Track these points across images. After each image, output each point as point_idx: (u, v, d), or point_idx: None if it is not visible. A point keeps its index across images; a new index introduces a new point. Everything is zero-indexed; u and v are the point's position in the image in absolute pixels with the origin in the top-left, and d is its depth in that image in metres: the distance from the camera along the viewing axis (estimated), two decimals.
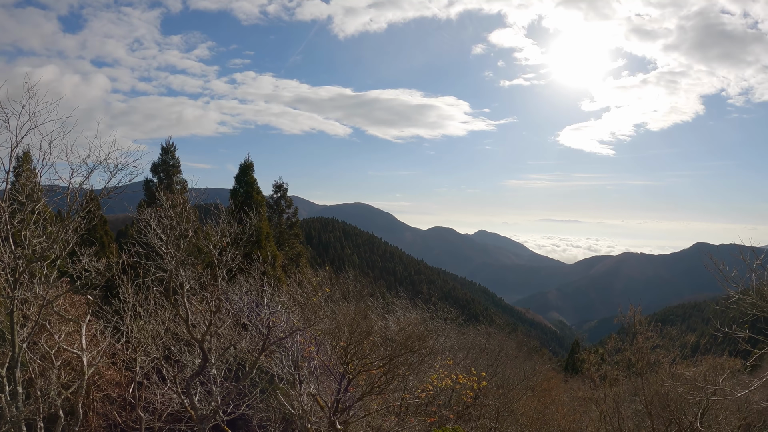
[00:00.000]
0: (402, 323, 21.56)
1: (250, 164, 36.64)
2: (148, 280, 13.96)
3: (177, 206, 12.95)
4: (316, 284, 20.48)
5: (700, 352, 22.53)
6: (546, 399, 24.85)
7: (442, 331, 27.50)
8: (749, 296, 12.56)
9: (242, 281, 17.26)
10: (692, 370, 18.03)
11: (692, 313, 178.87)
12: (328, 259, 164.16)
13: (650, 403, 17.27)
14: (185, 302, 13.08)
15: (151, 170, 35.00)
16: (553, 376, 37.36)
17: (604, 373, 21.69)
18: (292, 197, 45.29)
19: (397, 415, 18.37)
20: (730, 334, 12.73)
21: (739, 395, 13.38)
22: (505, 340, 38.64)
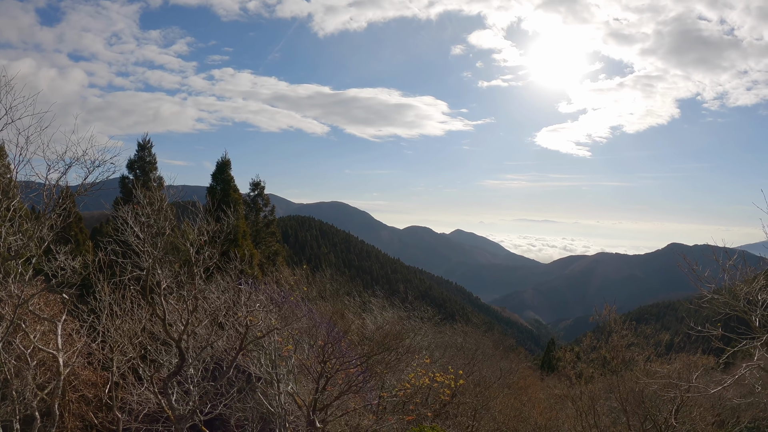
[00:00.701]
0: (379, 322, 21.62)
1: (227, 162, 36.42)
2: (125, 278, 13.82)
3: (155, 204, 12.84)
4: (294, 283, 20.45)
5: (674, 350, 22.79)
6: (523, 396, 25.02)
7: (419, 329, 27.57)
8: (722, 295, 12.75)
9: (219, 280, 17.17)
10: (666, 367, 18.23)
11: (666, 312, 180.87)
12: (305, 258, 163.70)
13: (625, 400, 17.46)
14: (162, 301, 12.97)
15: (128, 167, 34.39)
16: (530, 374, 37.67)
17: (579, 371, 21.88)
18: (269, 195, 45.11)
19: (375, 413, 18.38)
20: (703, 332, 12.90)
21: (712, 392, 13.59)
22: (482, 339, 38.82)
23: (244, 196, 41.19)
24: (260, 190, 43.65)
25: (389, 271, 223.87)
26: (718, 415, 22.23)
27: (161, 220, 12.78)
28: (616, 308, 21.75)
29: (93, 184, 12.73)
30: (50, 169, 12.39)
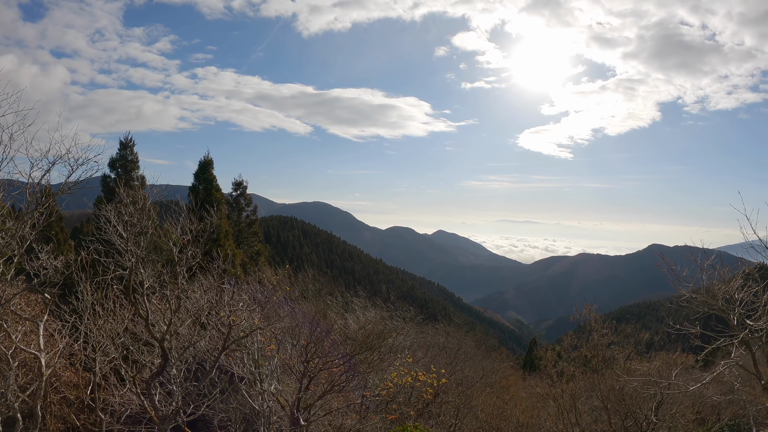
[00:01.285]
0: (362, 322, 21.65)
1: (209, 161, 36.28)
2: (108, 278, 13.76)
3: (138, 202, 12.80)
4: (276, 283, 20.44)
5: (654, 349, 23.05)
6: (505, 395, 25.15)
7: (401, 329, 27.62)
8: (700, 295, 12.93)
9: (202, 279, 17.14)
10: (646, 365, 18.43)
11: (647, 311, 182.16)
12: (287, 258, 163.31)
13: (606, 398, 17.62)
14: (145, 301, 12.93)
15: (109, 165, 33.94)
16: (512, 374, 37.81)
17: (561, 370, 22.05)
18: (252, 195, 45.04)
19: (359, 413, 18.42)
20: (682, 330, 13.09)
21: (691, 389, 13.76)
22: (464, 339, 38.94)
23: (226, 195, 41.07)
24: (243, 189, 43.55)
25: (371, 272, 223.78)
26: (699, 413, 22.49)
27: (144, 219, 12.74)
28: (597, 308, 21.93)
29: (76, 183, 12.67)
30: (33, 167, 12.32)
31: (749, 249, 12.09)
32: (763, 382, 11.97)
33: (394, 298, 34.20)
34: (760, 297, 11.79)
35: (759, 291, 11.94)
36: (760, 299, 11.72)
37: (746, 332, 11.60)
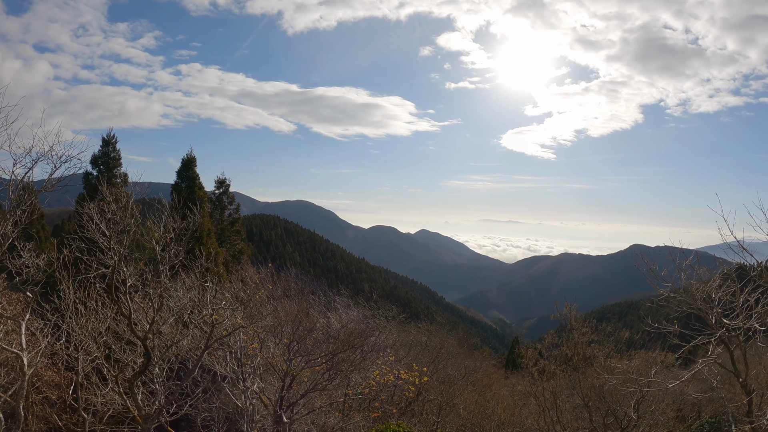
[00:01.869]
0: (344, 320, 21.68)
1: (192, 159, 36.11)
2: (90, 276, 13.69)
3: (120, 200, 12.75)
4: (259, 281, 20.41)
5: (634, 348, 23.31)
6: (487, 394, 25.28)
7: (383, 328, 27.67)
8: (679, 294, 13.10)
9: (185, 278, 17.09)
10: (626, 363, 18.63)
11: (628, 311, 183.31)
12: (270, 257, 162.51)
13: (587, 396, 17.78)
14: (127, 299, 12.90)
15: (91, 162, 33.54)
16: (494, 372, 38.00)
17: (542, 368, 22.21)
18: (235, 193, 44.87)
19: (341, 411, 18.45)
20: (660, 329, 13.25)
21: (671, 386, 13.93)
22: (446, 338, 39.02)
23: (209, 193, 40.87)
24: (225, 188, 43.39)
25: (354, 271, 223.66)
26: (680, 411, 22.74)
27: (127, 217, 12.69)
28: (578, 307, 22.12)
29: (59, 180, 12.61)
30: (16, 164, 12.25)
31: (727, 250, 12.26)
32: (741, 380, 12.14)
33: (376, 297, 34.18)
34: (737, 297, 11.96)
35: (737, 291, 12.10)
36: (738, 299, 11.89)
37: (723, 331, 11.77)
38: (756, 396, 12.83)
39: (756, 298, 11.76)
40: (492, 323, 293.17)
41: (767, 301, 11.63)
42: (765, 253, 12.16)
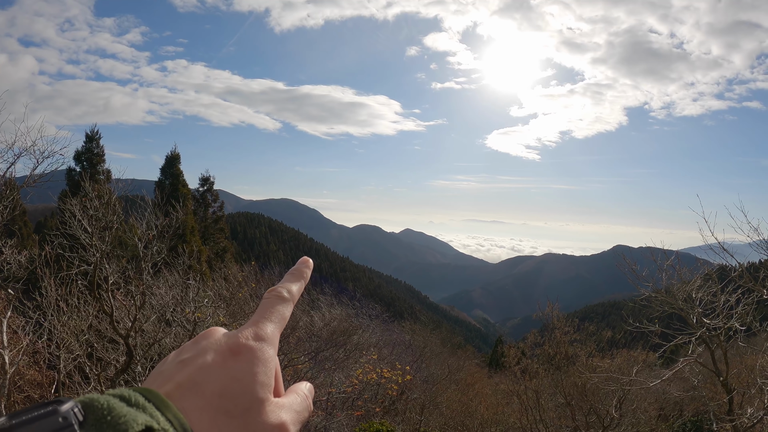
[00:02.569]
0: (327, 319, 21.69)
1: (176, 156, 36.00)
2: (72, 273, 13.60)
3: (103, 197, 12.66)
4: (242, 279, 20.37)
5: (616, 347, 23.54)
6: (470, 392, 25.37)
7: (367, 327, 27.71)
8: (660, 294, 13.24)
9: (167, 275, 17.03)
10: (608, 362, 18.77)
11: (611, 311, 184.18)
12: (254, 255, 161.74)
13: (569, 394, 17.89)
14: (110, 297, 12.82)
15: (75, 159, 33.25)
16: (478, 371, 38.14)
17: (524, 367, 22.33)
18: (219, 191, 44.69)
19: (324, 409, 18.46)
20: (641, 328, 13.36)
21: (652, 385, 14.05)
22: (430, 337, 39.16)
23: (192, 191, 40.74)
24: (209, 185, 43.25)
25: (338, 270, 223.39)
26: (662, 410, 22.93)
27: (110, 213, 12.62)
28: (561, 306, 22.27)
29: (41, 176, 12.52)
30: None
31: (708, 251, 12.38)
32: (722, 379, 12.26)
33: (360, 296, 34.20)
34: (718, 297, 12.08)
35: (717, 291, 12.22)
36: (719, 299, 12.01)
37: (704, 330, 11.88)
38: (737, 395, 12.97)
39: (737, 299, 11.88)
40: (476, 323, 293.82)
41: (748, 301, 11.75)
42: (746, 254, 12.30)
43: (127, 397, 0.73)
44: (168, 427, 0.71)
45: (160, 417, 0.72)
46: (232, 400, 0.79)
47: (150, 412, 0.72)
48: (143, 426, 0.69)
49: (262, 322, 0.92)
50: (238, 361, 0.83)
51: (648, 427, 19.08)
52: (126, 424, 0.68)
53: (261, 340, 0.87)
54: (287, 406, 0.87)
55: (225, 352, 0.84)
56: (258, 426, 0.80)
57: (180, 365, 0.84)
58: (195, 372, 0.82)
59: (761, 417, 10.98)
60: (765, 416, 10.88)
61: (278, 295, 1.01)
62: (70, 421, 0.67)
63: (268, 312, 0.96)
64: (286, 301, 1.01)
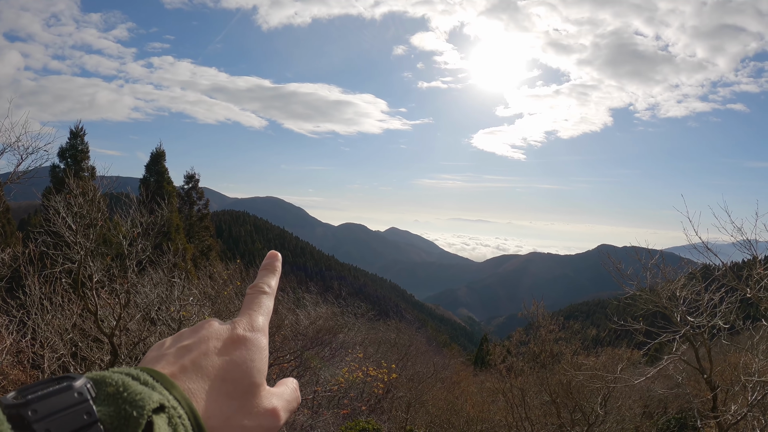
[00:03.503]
0: (312, 317, 21.65)
1: (161, 153, 35.80)
2: (56, 271, 13.49)
3: (87, 194, 12.56)
4: (227, 277, 20.30)
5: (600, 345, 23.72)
6: (455, 390, 25.43)
7: (352, 325, 27.71)
8: (644, 293, 13.33)
9: (152, 273, 16.93)
10: (593, 360, 18.86)
11: (596, 309, 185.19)
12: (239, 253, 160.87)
13: (554, 392, 17.96)
14: (94, 295, 12.73)
15: (59, 155, 32.92)
16: (463, 369, 38.23)
17: (509, 365, 22.40)
18: (204, 189, 44.51)
19: (310, 408, 18.43)
20: (625, 326, 13.46)
21: (636, 382, 14.15)
22: (415, 335, 39.25)
23: (177, 188, 40.56)
24: (194, 183, 43.08)
25: (324, 268, 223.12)
26: (647, 407, 23.10)
27: (94, 211, 12.52)
28: (546, 305, 22.34)
29: (25, 172, 12.41)
30: None
31: (692, 250, 12.46)
32: (706, 376, 12.35)
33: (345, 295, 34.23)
34: (702, 296, 12.16)
35: (701, 290, 12.31)
36: (703, 298, 12.09)
37: (688, 328, 11.96)
38: (721, 392, 13.06)
39: (720, 297, 11.97)
40: (461, 321, 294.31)
41: (731, 300, 11.84)
42: (729, 253, 12.39)
43: (136, 375, 0.76)
44: (176, 404, 0.76)
45: (168, 396, 0.76)
46: (232, 384, 0.85)
47: (159, 390, 0.76)
48: (158, 404, 0.72)
49: (254, 314, 1.00)
50: (237, 348, 0.89)
51: (633, 424, 19.20)
52: (143, 401, 0.71)
53: (255, 330, 0.95)
54: (278, 395, 0.93)
55: (226, 340, 0.90)
56: (254, 408, 0.86)
57: (182, 350, 0.88)
58: (198, 356, 0.87)
59: (745, 414, 11.07)
60: (749, 413, 10.97)
61: (260, 290, 1.09)
62: (85, 396, 0.69)
63: (255, 305, 1.04)
64: (269, 295, 1.09)
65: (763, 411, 11.82)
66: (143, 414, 0.70)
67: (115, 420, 0.69)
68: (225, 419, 0.82)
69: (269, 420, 0.88)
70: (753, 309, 14.24)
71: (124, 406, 0.70)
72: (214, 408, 0.81)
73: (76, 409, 0.68)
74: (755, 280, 10.41)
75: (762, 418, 11.12)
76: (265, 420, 0.87)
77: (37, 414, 0.65)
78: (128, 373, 0.76)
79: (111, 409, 0.70)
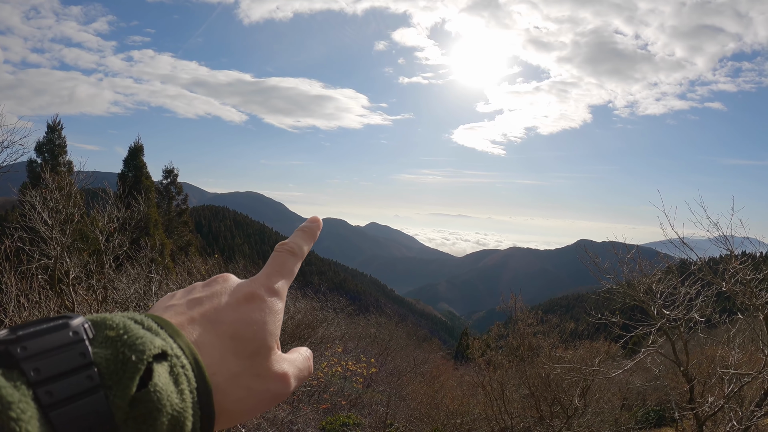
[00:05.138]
0: (292, 312, 21.63)
1: (140, 147, 35.52)
2: (32, 267, 13.35)
3: (63, 189, 12.44)
4: (205, 273, 20.22)
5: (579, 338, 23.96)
6: (435, 384, 25.49)
7: (332, 320, 27.73)
8: (621, 287, 13.47)
9: (130, 269, 16.82)
10: (571, 353, 18.99)
11: (575, 303, 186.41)
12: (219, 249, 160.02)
13: (533, 385, 18.08)
14: (71, 291, 12.61)
15: (36, 150, 32.61)
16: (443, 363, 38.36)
17: (488, 359, 22.52)
18: (183, 184, 44.29)
19: (290, 403, 18.42)
20: (602, 319, 13.61)
21: (613, 374, 14.30)
22: (395, 330, 39.35)
23: (156, 183, 40.30)
24: (173, 177, 42.82)
25: (304, 263, 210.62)
26: (626, 399, 23.34)
27: (70, 205, 12.40)
28: (526, 299, 22.51)
29: (1, 167, 12.29)
30: None
31: (669, 245, 12.60)
32: (683, 369, 12.50)
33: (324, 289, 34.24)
34: (678, 290, 12.30)
35: (677, 284, 12.45)
36: (679, 291, 12.24)
37: (664, 321, 12.10)
38: (698, 384, 13.22)
39: (696, 291, 12.12)
40: (441, 316, 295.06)
41: (708, 294, 12.00)
42: (705, 248, 12.53)
43: (139, 320, 0.73)
44: (180, 354, 0.72)
45: (173, 343, 0.72)
46: (242, 343, 0.81)
47: (163, 337, 0.72)
48: (160, 350, 0.69)
49: (274, 275, 0.95)
50: (251, 308, 0.85)
51: (612, 416, 19.37)
52: (143, 345, 0.67)
53: (273, 292, 0.90)
54: (290, 361, 0.89)
55: (240, 298, 0.86)
56: (263, 370, 0.83)
57: (193, 302, 0.85)
58: (209, 310, 0.83)
59: (722, 405, 11.21)
60: (725, 405, 11.11)
61: (290, 250, 1.04)
62: (81, 336, 0.65)
63: (279, 266, 0.98)
64: (296, 257, 1.04)
65: (739, 403, 11.98)
66: (142, 359, 0.66)
67: (111, 364, 0.64)
68: (231, 377, 0.79)
69: (278, 385, 0.85)
70: (729, 303, 14.42)
71: (123, 349, 0.66)
72: (221, 364, 0.78)
73: (71, 349, 0.63)
74: (731, 274, 10.55)
75: (738, 409, 11.26)
76: (274, 385, 0.84)
77: (27, 351, 0.60)
78: (131, 317, 0.73)
79: (108, 352, 0.65)
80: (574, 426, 16.81)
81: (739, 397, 12.13)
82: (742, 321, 12.11)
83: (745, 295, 10.35)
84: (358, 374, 21.45)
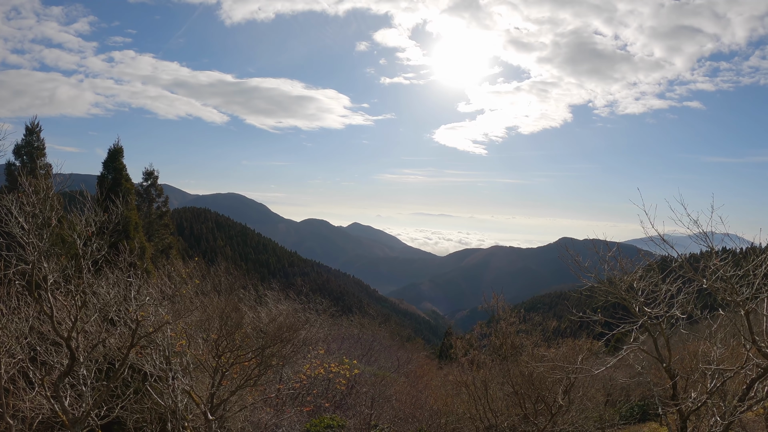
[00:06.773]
0: (273, 314, 21.51)
1: (119, 149, 35.04)
2: (9, 273, 13.13)
3: (40, 192, 12.24)
4: (186, 275, 20.05)
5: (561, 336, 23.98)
6: (419, 384, 25.51)
7: (314, 321, 27.62)
8: (603, 285, 13.50)
9: (109, 274, 16.61)
10: (554, 351, 19.04)
11: (558, 301, 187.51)
12: (201, 251, 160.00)
13: (517, 384, 18.11)
14: (50, 297, 12.42)
15: (14, 153, 32.20)
16: (427, 363, 38.40)
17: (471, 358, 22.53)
18: (163, 186, 43.99)
19: (274, 406, 18.32)
20: (584, 317, 13.62)
21: (596, 372, 14.35)
22: (378, 330, 39.31)
23: (136, 186, 39.95)
24: (153, 179, 42.49)
25: (286, 264, 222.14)
26: (610, 396, 23.46)
27: (47, 209, 12.20)
28: (509, 298, 22.55)
29: None
30: None
31: (649, 242, 12.63)
32: (665, 365, 12.55)
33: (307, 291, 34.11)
34: (659, 287, 12.34)
35: (658, 281, 12.50)
36: (660, 289, 12.28)
37: (646, 319, 12.14)
38: (680, 380, 13.31)
39: (677, 288, 12.16)
40: (425, 315, 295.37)
41: (689, 290, 12.05)
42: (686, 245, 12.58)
43: None
44: None
45: None
46: None
47: None
48: None
49: None
50: None
51: (596, 412, 19.47)
52: None
53: None
54: None
55: None
56: None
57: None
58: None
59: (704, 401, 11.27)
60: (708, 400, 11.16)
61: None
62: None
63: None
64: None
65: (722, 398, 12.05)
66: None
67: None
68: None
69: None
70: (711, 299, 14.51)
71: None
72: None
73: None
74: (711, 271, 10.58)
75: (722, 404, 11.32)
76: None
77: None
78: None
79: None
80: (558, 423, 16.85)
81: (722, 391, 12.22)
82: (723, 317, 12.17)
83: (726, 292, 10.38)
84: (341, 375, 21.36)
